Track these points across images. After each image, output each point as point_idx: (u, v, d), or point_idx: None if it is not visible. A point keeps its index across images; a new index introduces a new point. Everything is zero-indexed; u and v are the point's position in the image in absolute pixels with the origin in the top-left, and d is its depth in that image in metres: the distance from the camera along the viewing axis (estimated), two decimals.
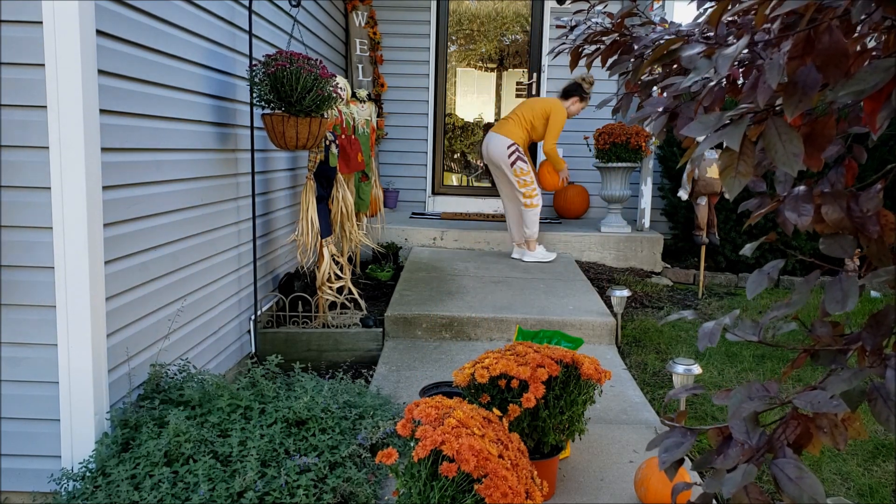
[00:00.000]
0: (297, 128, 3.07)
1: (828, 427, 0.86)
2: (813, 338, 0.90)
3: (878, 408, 0.76)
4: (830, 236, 0.88)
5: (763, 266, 0.94)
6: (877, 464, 2.70)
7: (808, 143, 0.83)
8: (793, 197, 0.88)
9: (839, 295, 0.81)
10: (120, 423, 2.15)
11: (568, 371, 2.28)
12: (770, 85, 0.75)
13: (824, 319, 0.90)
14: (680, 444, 0.91)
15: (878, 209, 0.84)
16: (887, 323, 0.83)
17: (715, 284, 5.47)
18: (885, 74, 0.70)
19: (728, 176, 0.81)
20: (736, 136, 0.78)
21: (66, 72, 1.96)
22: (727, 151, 0.82)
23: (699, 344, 0.92)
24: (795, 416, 0.87)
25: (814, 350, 0.89)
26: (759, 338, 0.90)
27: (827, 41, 0.74)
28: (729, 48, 0.81)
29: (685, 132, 0.84)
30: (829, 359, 0.88)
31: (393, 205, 6.42)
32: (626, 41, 1.15)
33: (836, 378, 0.78)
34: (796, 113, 0.75)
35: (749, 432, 0.85)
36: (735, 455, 0.85)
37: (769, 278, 0.92)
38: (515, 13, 6.47)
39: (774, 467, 0.81)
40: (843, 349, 0.87)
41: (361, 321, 3.74)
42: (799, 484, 0.77)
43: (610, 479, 2.39)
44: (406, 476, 1.74)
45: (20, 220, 2.06)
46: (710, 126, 0.81)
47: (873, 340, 0.82)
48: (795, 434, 0.86)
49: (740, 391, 0.88)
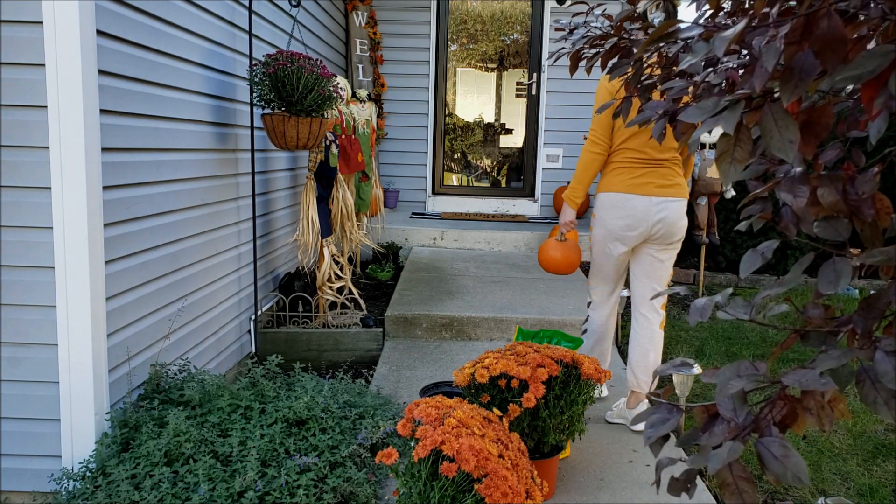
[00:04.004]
0: (297, 128, 3.07)
1: (814, 408, 0.86)
2: (804, 320, 0.90)
3: (866, 390, 0.76)
4: (826, 219, 0.88)
5: (758, 248, 0.95)
6: (877, 464, 2.70)
7: (804, 130, 0.84)
8: (789, 179, 0.89)
9: (832, 276, 0.82)
10: (120, 422, 2.15)
11: (568, 371, 2.28)
12: (766, 69, 0.75)
13: (816, 301, 0.91)
14: (666, 420, 0.92)
15: (873, 192, 0.85)
16: (879, 306, 0.83)
17: (715, 284, 5.47)
18: (884, 59, 0.70)
19: (724, 162, 0.82)
20: (732, 120, 0.79)
21: (67, 72, 1.97)
22: (724, 137, 0.82)
23: (690, 318, 0.93)
24: (782, 396, 0.87)
25: (804, 331, 0.89)
26: (750, 317, 0.91)
27: (825, 26, 0.74)
28: (727, 31, 0.81)
29: (683, 118, 0.84)
30: (819, 340, 0.88)
31: (393, 205, 6.42)
32: (626, 44, 1.15)
33: (824, 356, 0.79)
34: (793, 97, 0.75)
35: (736, 410, 0.85)
36: (721, 432, 0.86)
37: (763, 257, 0.93)
38: (515, 13, 6.48)
39: (760, 445, 0.81)
40: (833, 331, 0.87)
41: (361, 321, 3.74)
42: (784, 462, 0.78)
43: (610, 479, 2.39)
44: (406, 476, 1.74)
45: (20, 220, 2.06)
46: (707, 111, 0.82)
47: (864, 323, 0.83)
48: (782, 414, 0.87)
49: (729, 369, 0.88)
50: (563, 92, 6.28)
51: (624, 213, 2.73)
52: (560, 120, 6.33)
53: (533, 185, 6.50)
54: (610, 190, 2.76)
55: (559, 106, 6.32)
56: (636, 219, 2.71)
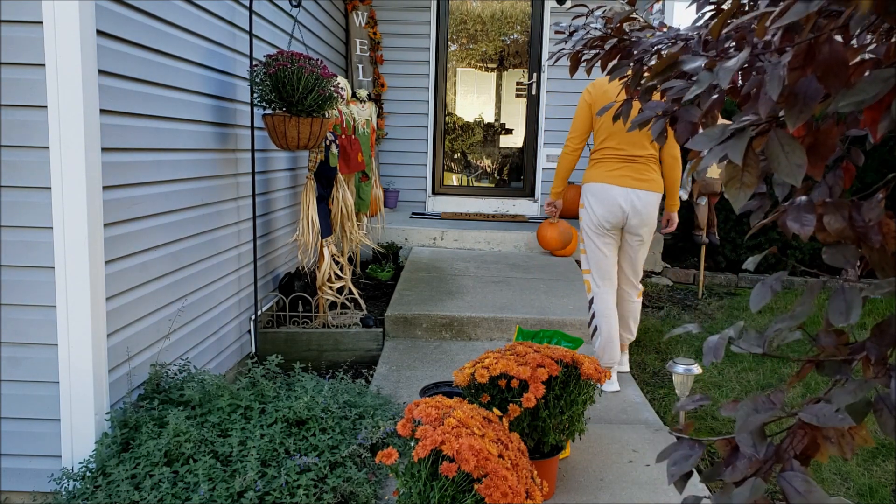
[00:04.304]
0: (298, 128, 3.07)
1: (835, 437, 0.86)
2: (818, 348, 0.90)
3: (884, 418, 0.76)
4: (833, 245, 0.88)
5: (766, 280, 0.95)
6: (877, 464, 2.70)
7: (811, 153, 0.83)
8: (795, 207, 0.89)
9: (842, 307, 0.81)
10: (120, 422, 2.15)
11: (568, 371, 2.28)
12: (771, 97, 0.75)
13: (829, 330, 0.90)
14: (688, 457, 0.92)
15: (879, 219, 0.84)
16: (891, 332, 0.83)
17: (715, 284, 5.47)
18: (885, 85, 0.70)
19: (733, 187, 0.82)
20: (738, 149, 0.79)
21: (67, 72, 1.97)
22: (731, 164, 0.82)
23: (704, 359, 0.93)
24: (802, 426, 0.87)
25: (818, 360, 0.89)
26: (763, 350, 0.91)
27: (827, 52, 0.74)
28: (730, 61, 0.82)
29: (690, 145, 0.84)
30: (834, 369, 0.88)
31: (393, 205, 6.42)
32: (626, 46, 1.15)
33: (840, 391, 0.78)
34: (798, 123, 0.75)
35: (756, 445, 0.85)
36: (743, 467, 0.86)
37: (772, 290, 0.92)
38: (515, 13, 6.48)
39: (783, 481, 0.81)
40: (847, 359, 0.87)
41: (361, 321, 3.74)
42: (807, 497, 0.78)
43: (610, 479, 2.39)
44: (406, 476, 1.74)
45: (20, 220, 2.06)
46: (714, 139, 0.82)
47: (878, 351, 0.82)
48: (803, 444, 0.87)
49: (747, 404, 0.88)
50: (563, 92, 6.28)
51: (604, 200, 3.15)
52: (560, 120, 6.32)
53: (533, 185, 6.50)
54: (593, 180, 3.21)
55: (559, 106, 6.32)
56: (615, 205, 3.14)
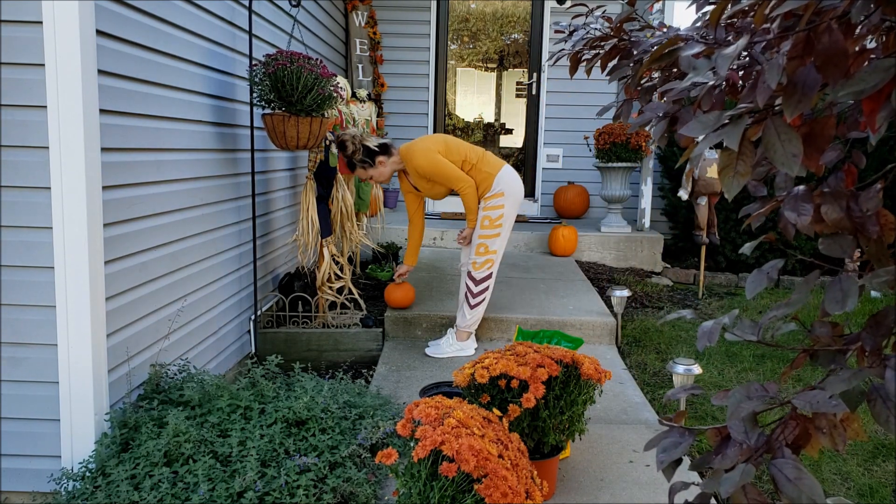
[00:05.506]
0: (297, 127, 3.07)
1: (827, 428, 0.86)
2: (812, 338, 0.90)
3: (878, 409, 0.76)
4: (830, 236, 0.88)
5: (763, 266, 0.94)
6: (877, 464, 2.70)
7: (807, 143, 0.83)
8: (792, 196, 0.88)
9: (839, 295, 0.81)
10: (120, 423, 2.15)
11: (568, 371, 2.28)
12: (769, 85, 0.75)
13: (824, 320, 0.90)
14: (678, 445, 0.92)
15: (877, 209, 0.84)
16: (887, 324, 0.83)
17: (715, 284, 5.47)
18: (885, 74, 0.70)
19: (727, 175, 0.82)
20: (735, 136, 0.78)
21: (66, 72, 1.96)
22: (726, 151, 0.82)
23: (698, 343, 0.92)
24: (794, 416, 0.87)
25: (813, 350, 0.89)
26: (758, 338, 0.91)
27: (826, 41, 0.74)
28: (728, 48, 0.81)
29: (684, 132, 0.84)
30: (828, 359, 0.88)
31: (393, 205, 6.42)
32: (626, 46, 1.15)
33: (835, 378, 0.78)
34: (796, 113, 0.75)
35: (748, 432, 0.85)
36: (733, 455, 0.85)
37: (768, 278, 0.92)
38: (516, 13, 6.47)
39: (773, 468, 0.81)
40: (842, 350, 0.87)
41: (361, 321, 3.74)
42: (797, 484, 0.77)
43: (610, 479, 2.39)
44: (406, 476, 1.74)
45: (20, 220, 2.06)
46: (709, 126, 0.81)
47: (873, 341, 0.82)
48: (794, 434, 0.86)
49: (739, 391, 0.88)
50: (563, 92, 6.28)
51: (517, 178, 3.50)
52: (560, 120, 6.33)
53: (533, 185, 6.50)
54: (499, 167, 3.47)
55: (559, 106, 6.31)
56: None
